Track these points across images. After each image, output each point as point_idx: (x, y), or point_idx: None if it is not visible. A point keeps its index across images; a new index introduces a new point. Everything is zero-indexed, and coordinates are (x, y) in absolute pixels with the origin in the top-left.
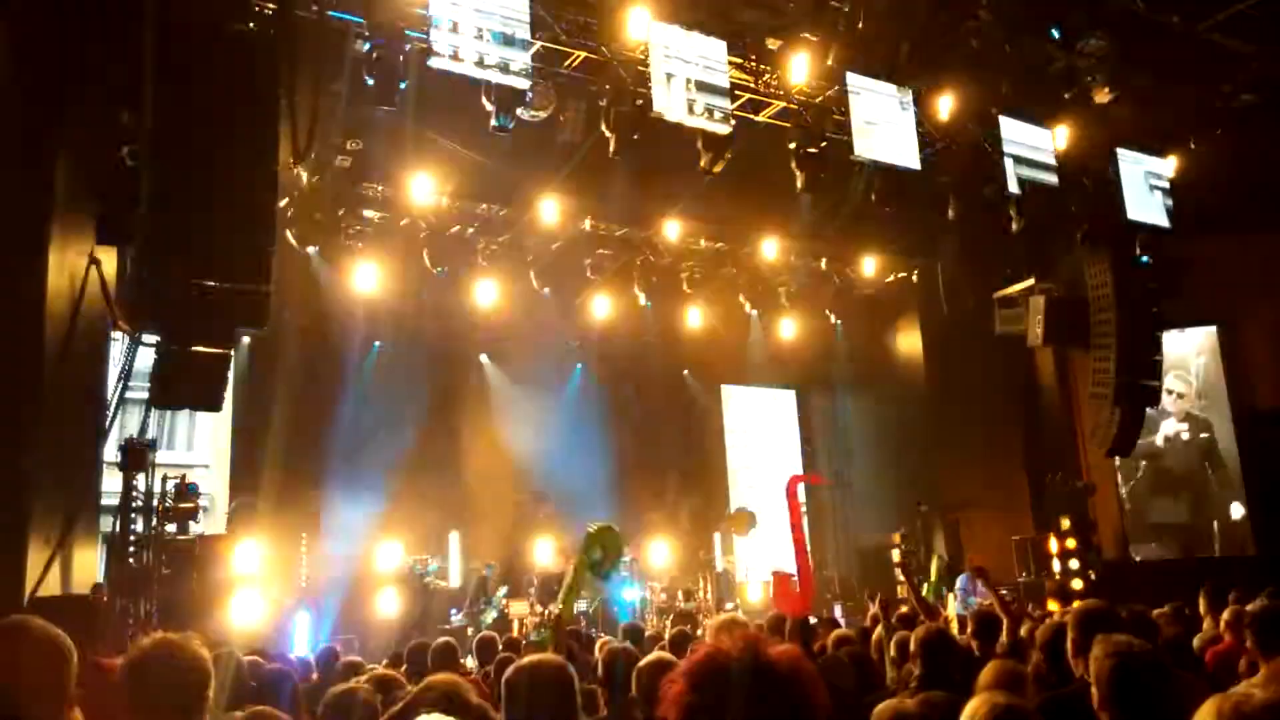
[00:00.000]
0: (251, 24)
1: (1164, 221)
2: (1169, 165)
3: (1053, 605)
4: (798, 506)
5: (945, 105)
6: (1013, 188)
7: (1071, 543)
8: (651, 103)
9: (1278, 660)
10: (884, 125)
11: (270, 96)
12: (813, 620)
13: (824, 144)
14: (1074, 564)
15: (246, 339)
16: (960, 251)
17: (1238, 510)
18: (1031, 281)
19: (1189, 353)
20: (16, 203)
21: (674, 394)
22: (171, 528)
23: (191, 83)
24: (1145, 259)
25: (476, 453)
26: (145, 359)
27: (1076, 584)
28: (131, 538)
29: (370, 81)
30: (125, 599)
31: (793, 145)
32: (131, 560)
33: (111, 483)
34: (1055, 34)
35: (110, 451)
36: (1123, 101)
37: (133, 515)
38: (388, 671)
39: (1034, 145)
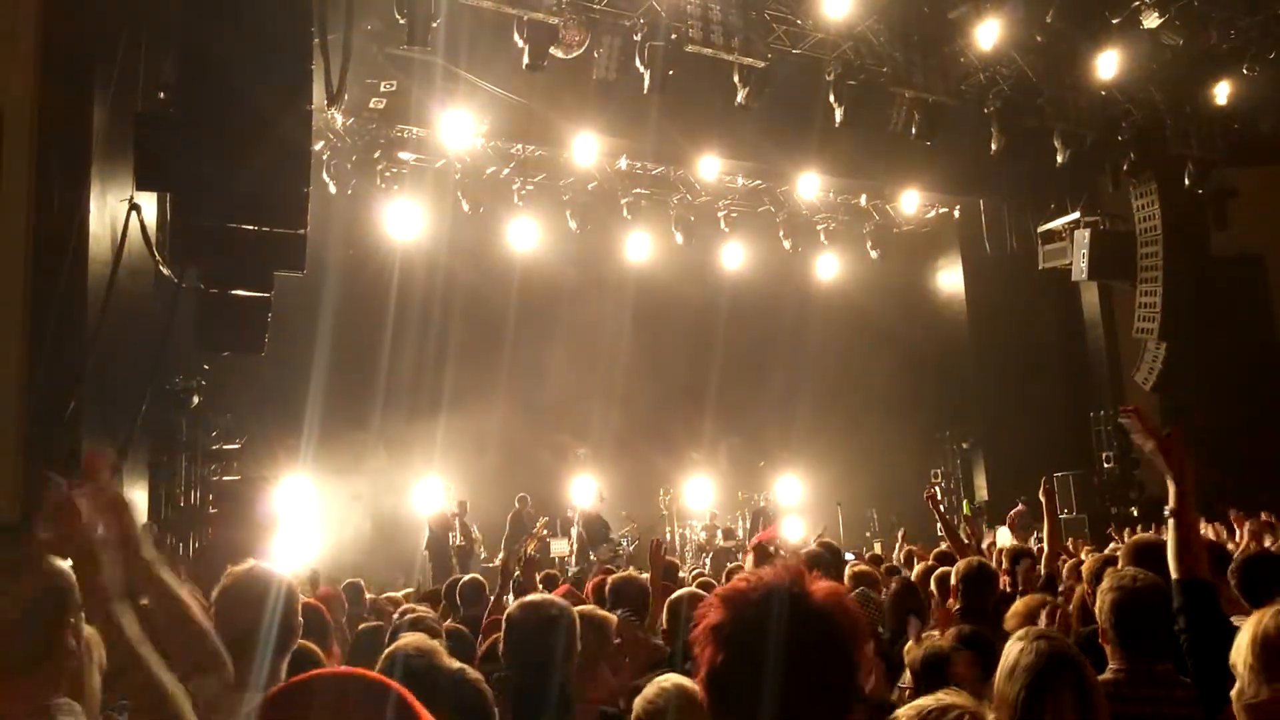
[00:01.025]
0: None
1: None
2: (1221, 92)
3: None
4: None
5: (989, 34)
6: None
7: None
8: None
9: None
10: None
11: (304, 37)
12: (850, 557)
13: (863, 76)
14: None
15: None
16: (1004, 185)
17: None
18: (1076, 215)
19: None
20: (55, 148)
21: (713, 334)
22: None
23: (224, 24)
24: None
25: (514, 393)
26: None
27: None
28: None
29: (402, 21)
30: (175, 538)
31: (831, 77)
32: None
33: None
34: None
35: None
36: (1173, 26)
37: (179, 457)
38: (420, 612)
39: None
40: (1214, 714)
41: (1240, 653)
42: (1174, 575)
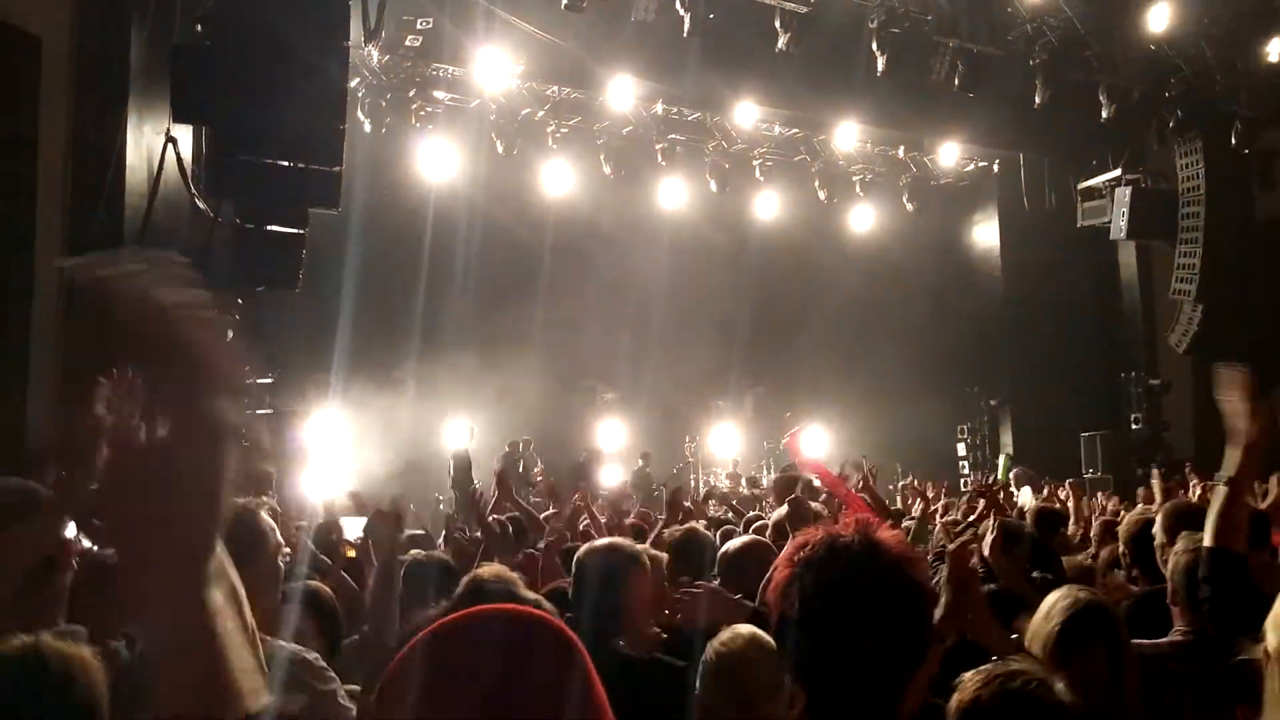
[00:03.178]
0: None
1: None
2: (1274, 49)
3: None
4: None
5: None
6: None
7: None
8: None
9: None
10: None
11: None
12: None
13: (906, 24)
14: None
15: None
16: (1045, 140)
17: None
18: (1118, 172)
19: None
20: (92, 79)
21: (744, 282)
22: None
23: None
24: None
25: (544, 336)
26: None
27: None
28: None
29: None
30: None
31: (874, 24)
32: None
33: None
34: None
35: None
36: None
37: None
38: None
39: None
40: (1233, 683)
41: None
42: (1206, 542)
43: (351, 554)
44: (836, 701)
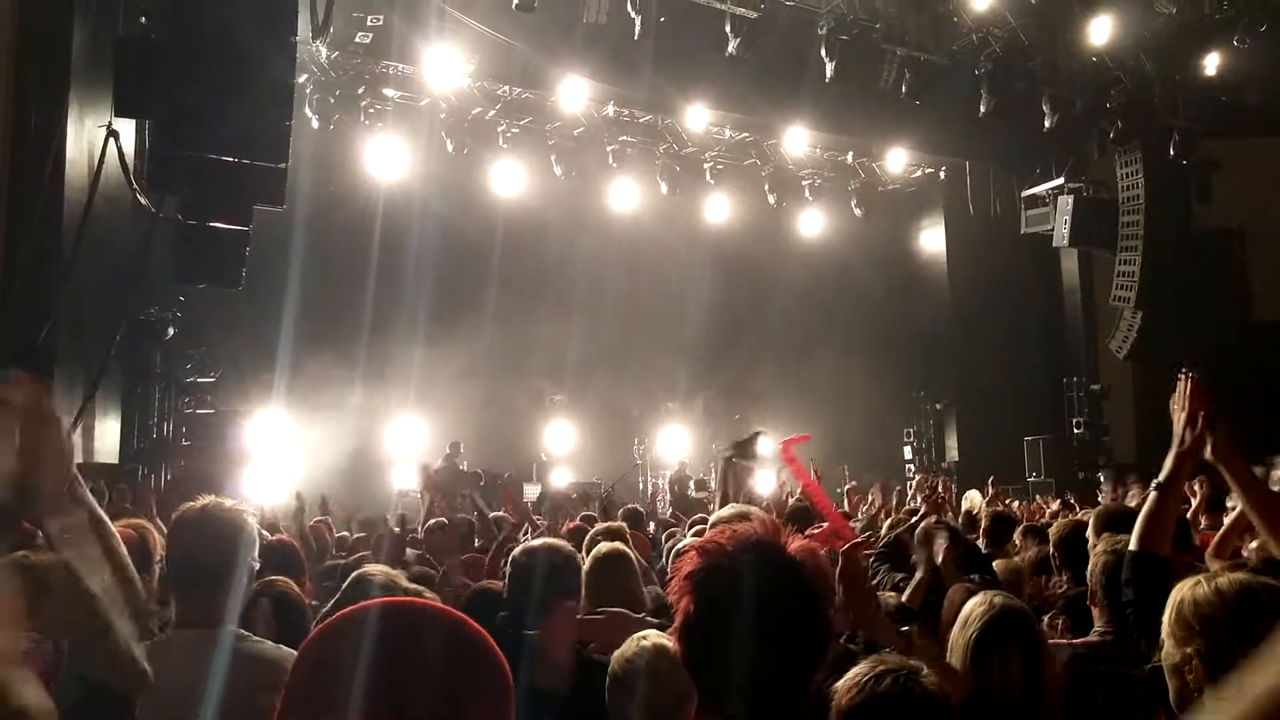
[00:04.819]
0: None
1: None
2: (1211, 63)
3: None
4: (800, 468)
5: None
6: None
7: None
8: None
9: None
10: None
11: None
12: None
13: (855, 31)
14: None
15: None
16: (990, 148)
17: None
18: (1061, 180)
19: None
20: (34, 68)
21: (694, 285)
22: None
23: None
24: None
25: (492, 336)
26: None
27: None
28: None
29: None
30: (147, 470)
31: (823, 31)
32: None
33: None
34: None
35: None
36: None
37: (153, 388)
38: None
39: None
40: (1157, 686)
41: (1165, 618)
42: (1131, 546)
43: None
44: (726, 701)
